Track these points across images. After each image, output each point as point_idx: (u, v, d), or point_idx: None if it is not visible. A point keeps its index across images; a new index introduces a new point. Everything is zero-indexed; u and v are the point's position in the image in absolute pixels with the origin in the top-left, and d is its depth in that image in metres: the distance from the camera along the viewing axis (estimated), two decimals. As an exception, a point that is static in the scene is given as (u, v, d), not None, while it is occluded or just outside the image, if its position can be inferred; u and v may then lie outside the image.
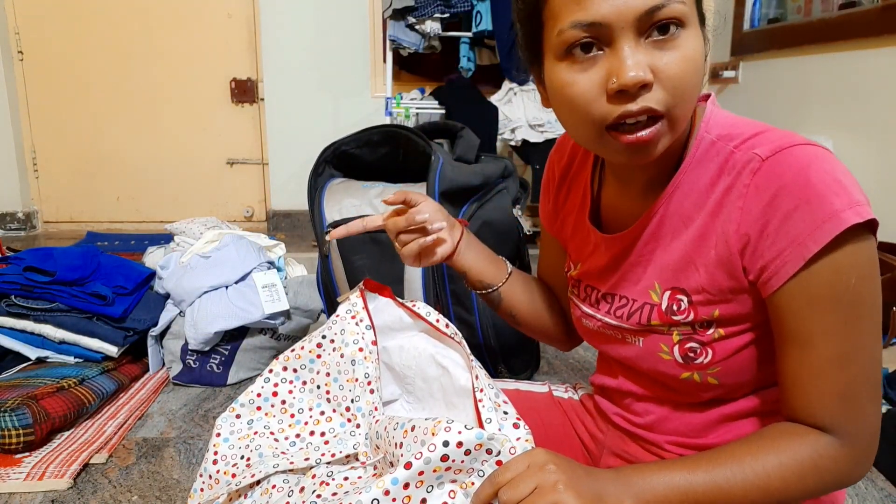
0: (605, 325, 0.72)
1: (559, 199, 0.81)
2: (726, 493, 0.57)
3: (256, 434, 0.75)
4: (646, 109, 0.54)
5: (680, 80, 0.54)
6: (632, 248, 0.68)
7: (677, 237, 0.64)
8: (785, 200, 0.55)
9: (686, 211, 0.63)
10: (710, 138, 0.62)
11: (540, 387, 0.91)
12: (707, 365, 0.64)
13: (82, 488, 1.10)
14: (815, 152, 0.56)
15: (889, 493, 1.10)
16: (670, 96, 0.54)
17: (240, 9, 3.28)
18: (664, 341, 0.66)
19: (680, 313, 0.64)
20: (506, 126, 2.78)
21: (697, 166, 0.62)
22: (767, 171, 0.56)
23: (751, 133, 0.60)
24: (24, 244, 2.98)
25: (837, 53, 2.22)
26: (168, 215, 3.39)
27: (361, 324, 0.78)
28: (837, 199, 0.53)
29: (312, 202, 1.36)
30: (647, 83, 0.53)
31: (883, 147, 2.02)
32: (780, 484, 0.57)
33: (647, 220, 0.65)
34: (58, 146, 3.37)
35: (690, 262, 0.63)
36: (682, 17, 0.54)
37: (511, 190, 1.41)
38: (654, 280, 0.66)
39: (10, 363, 1.46)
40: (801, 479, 0.57)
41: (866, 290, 0.55)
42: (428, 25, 2.68)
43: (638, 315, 0.68)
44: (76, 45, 3.25)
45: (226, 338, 1.52)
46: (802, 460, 0.57)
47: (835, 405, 0.57)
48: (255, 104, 3.40)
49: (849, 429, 0.57)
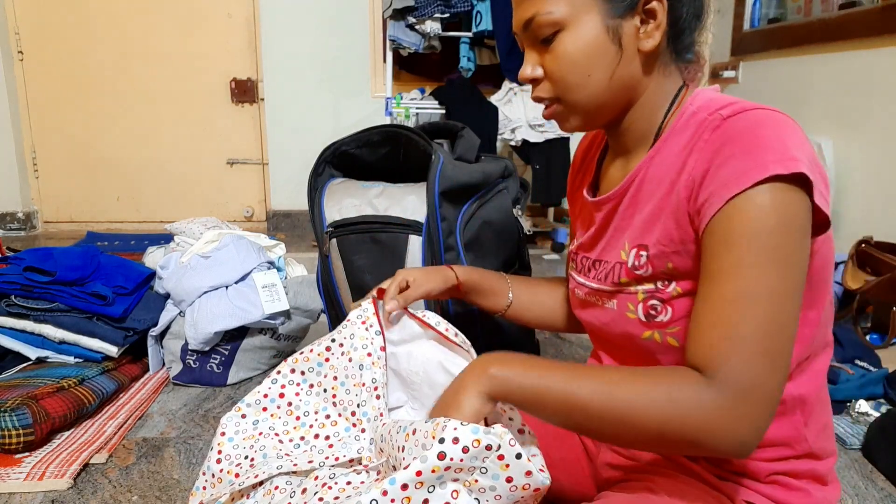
0: (590, 290, 0.76)
1: (575, 182, 0.87)
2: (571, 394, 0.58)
3: (261, 435, 0.75)
4: (536, 98, 0.71)
5: (559, 74, 0.67)
6: (615, 213, 0.72)
7: (651, 199, 0.67)
8: (727, 149, 0.58)
9: (661, 174, 0.66)
10: (692, 109, 0.66)
11: None
12: (667, 323, 0.66)
13: (82, 488, 1.10)
14: (774, 117, 0.58)
15: (889, 493, 1.10)
16: (556, 87, 0.68)
17: (240, 9, 3.28)
18: (631, 300, 0.69)
19: (641, 268, 0.67)
20: (506, 126, 2.79)
21: (676, 135, 0.66)
22: (724, 128, 0.60)
23: (727, 102, 0.63)
24: (24, 244, 2.98)
25: (837, 53, 2.22)
26: (168, 215, 3.39)
27: (371, 329, 0.79)
28: (772, 153, 0.55)
29: (312, 202, 1.36)
30: (535, 79, 0.69)
31: (883, 147, 2.02)
32: (626, 400, 0.56)
33: (627, 185, 0.70)
34: (58, 146, 3.37)
35: (656, 219, 0.66)
36: (555, 23, 0.65)
37: (511, 190, 1.41)
38: (626, 240, 0.69)
39: (10, 363, 1.46)
40: (651, 407, 0.55)
41: (786, 240, 0.55)
42: (428, 25, 2.68)
43: (612, 275, 0.71)
44: (76, 45, 3.25)
45: (226, 338, 1.52)
46: (659, 389, 0.56)
47: (716, 341, 0.55)
48: (255, 104, 3.40)
49: (726, 371, 0.54)
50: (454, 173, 1.25)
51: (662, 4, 0.64)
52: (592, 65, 0.65)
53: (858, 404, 1.34)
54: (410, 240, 1.26)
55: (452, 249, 1.25)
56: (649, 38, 0.65)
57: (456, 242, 1.25)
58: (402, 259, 1.27)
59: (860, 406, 1.34)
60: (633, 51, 0.66)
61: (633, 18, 0.65)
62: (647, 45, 0.65)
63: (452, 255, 1.25)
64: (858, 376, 1.40)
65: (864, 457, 1.21)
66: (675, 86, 0.69)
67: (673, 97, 0.69)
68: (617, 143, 0.74)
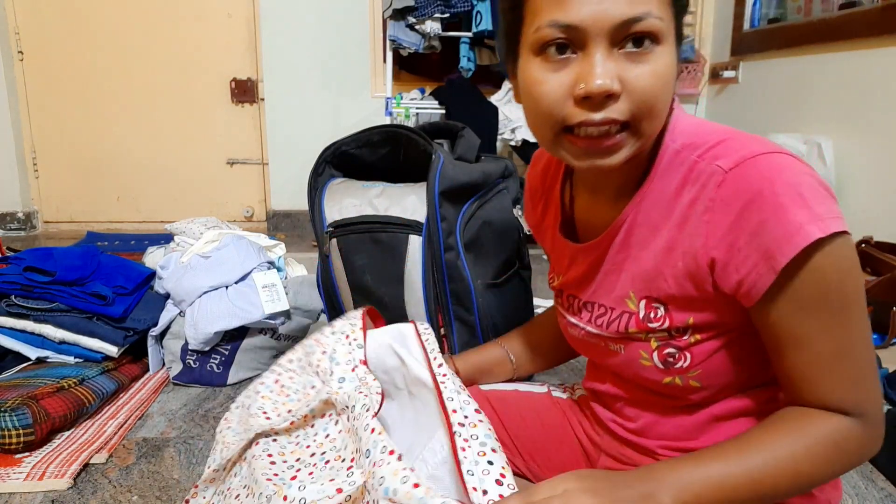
0: (587, 333, 0.73)
1: (537, 212, 0.83)
2: (759, 483, 0.57)
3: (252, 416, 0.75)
4: (608, 121, 0.55)
5: (647, 93, 0.55)
6: (604, 257, 0.68)
7: (646, 246, 0.64)
8: (751, 216, 0.55)
9: (653, 220, 0.63)
10: (675, 147, 0.62)
11: (539, 387, 0.92)
12: (687, 369, 0.65)
13: (82, 488, 1.10)
14: (777, 162, 0.56)
15: (889, 493, 1.10)
16: (636, 109, 0.55)
17: (240, 9, 3.28)
18: (643, 348, 0.67)
19: (656, 321, 0.64)
20: (506, 126, 2.78)
21: (664, 175, 0.62)
22: (731, 185, 0.56)
23: (714, 141, 0.59)
24: (24, 244, 2.98)
25: (837, 53, 2.22)
26: (168, 215, 3.39)
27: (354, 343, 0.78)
28: (800, 211, 0.54)
29: (312, 202, 1.36)
30: (614, 93, 0.54)
31: (883, 147, 2.02)
32: (810, 468, 0.57)
33: (616, 229, 0.66)
34: (58, 146, 3.37)
35: (660, 273, 0.63)
36: (658, 32, 0.54)
37: (511, 190, 1.41)
38: (628, 289, 0.66)
39: (10, 363, 1.46)
40: (827, 462, 0.58)
41: (850, 285, 0.56)
42: (428, 25, 2.68)
43: (616, 323, 0.68)
44: (76, 45, 3.25)
45: (226, 338, 1.52)
46: (827, 444, 0.58)
47: (847, 392, 0.58)
48: (255, 104, 3.40)
49: (864, 409, 0.58)
50: (454, 173, 1.25)
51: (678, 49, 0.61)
52: (671, 93, 0.57)
53: (858, 404, 1.34)
54: (410, 240, 1.26)
55: (452, 249, 1.25)
56: (678, 82, 0.63)
57: (456, 242, 1.25)
58: (403, 259, 1.27)
59: (860, 406, 1.34)
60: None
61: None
62: (677, 88, 0.61)
63: (452, 255, 1.25)
64: (858, 376, 1.40)
65: (865, 457, 1.21)
66: None
67: None
68: (599, 181, 0.68)
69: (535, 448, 0.86)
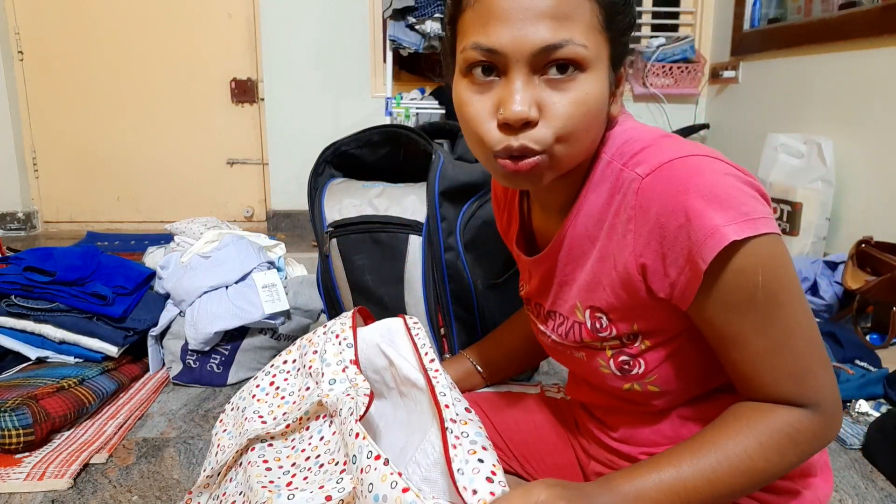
0: (553, 342, 0.74)
1: (503, 221, 0.83)
2: (714, 483, 0.57)
3: (247, 419, 0.75)
4: (523, 148, 0.55)
5: (565, 121, 0.55)
6: (555, 269, 0.69)
7: (586, 258, 0.65)
8: (669, 222, 0.55)
9: (590, 232, 0.63)
10: (607, 158, 0.62)
11: (532, 388, 0.92)
12: (643, 375, 0.65)
13: (82, 488, 1.10)
14: (693, 165, 0.55)
15: (889, 493, 1.10)
16: (553, 136, 0.55)
17: (240, 9, 3.28)
18: (600, 356, 0.67)
19: (603, 330, 0.65)
20: (506, 126, 2.78)
21: (596, 187, 0.62)
22: (647, 191, 0.56)
23: (638, 148, 0.59)
24: (24, 244, 2.98)
25: (837, 53, 2.22)
26: (168, 215, 3.39)
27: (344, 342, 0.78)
28: (715, 214, 0.53)
29: (312, 202, 1.36)
30: (530, 120, 0.54)
31: (883, 147, 2.02)
32: (764, 464, 0.57)
33: (559, 242, 0.66)
34: (58, 146, 3.37)
35: (598, 283, 0.63)
36: (581, 60, 0.54)
37: (511, 190, 1.41)
38: (575, 299, 0.67)
39: (10, 363, 1.46)
40: (781, 455, 0.58)
41: (778, 282, 0.56)
42: (428, 25, 2.68)
43: (572, 333, 0.69)
44: (76, 45, 3.25)
45: (226, 338, 1.52)
46: (780, 436, 0.58)
47: (791, 385, 0.58)
48: (255, 104, 3.40)
49: (812, 399, 0.58)
50: (454, 173, 1.25)
51: (626, 70, 0.61)
52: (596, 118, 0.57)
53: (858, 404, 1.34)
54: (410, 240, 1.26)
55: (452, 249, 1.25)
56: (615, 104, 0.61)
57: (456, 242, 1.25)
58: (403, 259, 1.27)
59: (860, 406, 1.34)
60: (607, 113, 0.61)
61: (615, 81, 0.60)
62: (615, 110, 0.61)
63: (452, 255, 1.25)
64: (858, 376, 1.40)
65: (864, 457, 1.21)
66: None
67: None
68: (543, 196, 0.69)
69: (528, 450, 0.86)
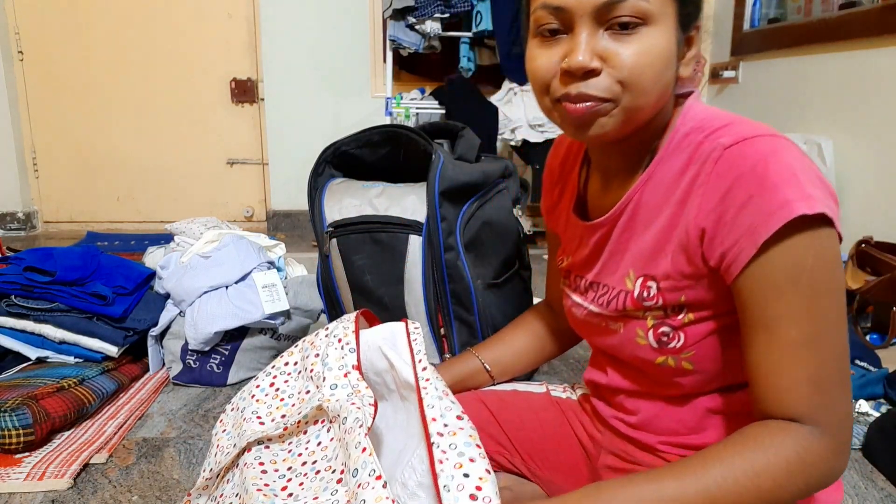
0: (590, 313, 0.74)
1: (554, 196, 0.84)
2: (716, 500, 0.55)
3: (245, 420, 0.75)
4: (585, 96, 0.59)
5: (629, 70, 0.57)
6: (609, 237, 0.70)
7: (649, 226, 0.65)
8: (740, 190, 0.56)
9: (657, 201, 0.64)
10: (685, 130, 0.64)
11: (537, 387, 0.92)
12: (680, 349, 0.65)
13: (82, 488, 1.10)
14: (776, 144, 0.57)
15: (889, 493, 1.10)
16: (618, 86, 0.58)
17: (240, 9, 3.28)
18: (640, 326, 0.67)
19: (650, 299, 0.66)
20: (506, 126, 2.78)
21: (670, 157, 0.64)
22: (727, 161, 0.58)
23: (721, 124, 0.61)
24: (24, 244, 2.98)
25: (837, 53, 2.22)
26: (168, 215, 3.39)
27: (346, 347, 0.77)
28: (790, 189, 0.54)
29: (312, 202, 1.36)
30: (593, 69, 0.58)
31: (883, 147, 2.02)
32: (771, 484, 0.55)
33: (621, 209, 0.68)
34: (58, 146, 3.37)
35: (660, 250, 0.64)
36: (644, 14, 0.57)
37: (511, 190, 1.41)
38: (629, 268, 0.68)
39: (10, 363, 1.46)
40: (789, 477, 0.56)
41: (826, 275, 0.56)
42: (428, 25, 2.68)
43: (615, 302, 0.69)
44: (76, 45, 3.25)
45: (226, 338, 1.52)
46: (788, 456, 0.56)
47: (807, 391, 0.56)
48: (255, 104, 3.40)
49: (825, 416, 0.56)
50: (454, 173, 1.25)
51: (698, 34, 0.62)
52: (663, 72, 0.59)
53: (858, 404, 1.34)
54: (410, 240, 1.26)
55: (452, 249, 1.25)
56: (687, 66, 0.63)
57: (456, 242, 1.25)
58: (403, 259, 1.27)
59: (860, 406, 1.34)
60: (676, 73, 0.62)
61: (684, 41, 0.62)
62: (685, 72, 0.63)
63: (452, 255, 1.25)
64: (858, 376, 1.40)
65: (864, 457, 1.21)
66: (671, 103, 0.67)
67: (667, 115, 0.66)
68: (609, 161, 0.71)
69: (534, 449, 0.86)
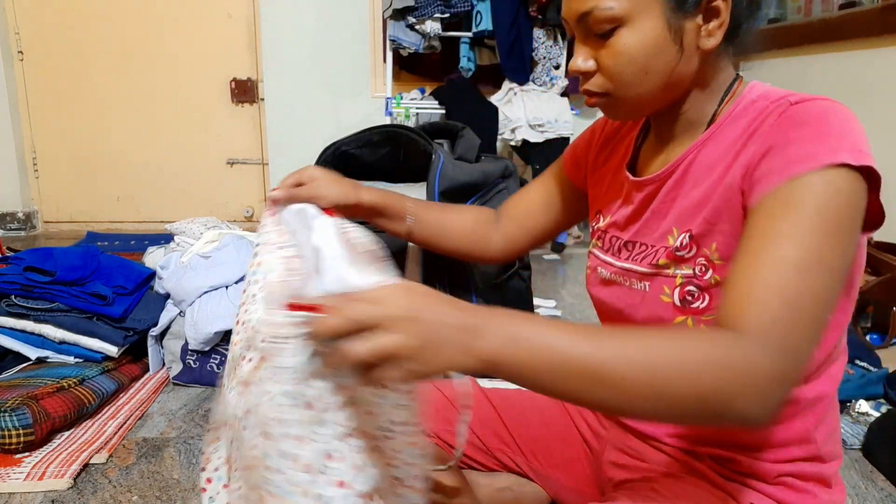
0: (618, 270, 0.74)
1: (599, 158, 0.84)
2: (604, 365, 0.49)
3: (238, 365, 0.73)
4: (586, 91, 0.69)
5: (616, 70, 0.64)
6: (655, 196, 0.71)
7: (699, 185, 0.66)
8: (796, 132, 0.58)
9: (713, 160, 0.66)
10: (751, 97, 0.66)
11: None
12: (702, 311, 0.65)
13: (82, 488, 1.10)
14: (843, 108, 0.59)
15: (889, 493, 1.10)
16: (609, 83, 0.66)
17: (240, 9, 3.28)
18: (668, 283, 0.68)
19: (683, 248, 0.66)
20: (506, 126, 2.78)
21: (734, 121, 0.66)
22: (793, 112, 0.60)
23: (788, 92, 0.63)
24: (24, 244, 2.97)
25: (837, 53, 2.22)
26: (168, 215, 3.38)
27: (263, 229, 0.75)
28: (845, 141, 0.56)
29: (312, 202, 1.36)
30: (587, 71, 0.66)
31: (883, 147, 2.02)
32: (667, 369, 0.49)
33: (673, 169, 0.69)
34: (58, 146, 3.37)
35: (706, 201, 0.65)
36: (614, 18, 0.62)
37: (511, 190, 1.41)
38: (672, 225, 0.68)
39: (10, 363, 1.46)
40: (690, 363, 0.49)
41: (851, 219, 0.56)
42: (428, 25, 2.68)
43: (651, 258, 0.70)
44: (76, 45, 3.25)
45: (226, 338, 1.52)
46: (703, 349, 0.50)
47: (776, 306, 0.52)
48: (255, 104, 3.40)
49: (775, 334, 0.51)
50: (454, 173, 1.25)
51: (727, 2, 0.62)
52: (651, 63, 0.63)
53: (858, 404, 1.34)
54: (410, 240, 1.26)
55: (452, 249, 1.25)
56: (711, 37, 0.63)
57: (456, 242, 1.25)
58: (403, 258, 1.27)
59: (860, 406, 1.34)
60: (692, 49, 0.64)
61: (696, 17, 0.62)
62: (709, 43, 0.63)
63: (452, 255, 1.25)
64: (858, 376, 1.40)
65: (864, 457, 1.21)
66: (729, 76, 0.69)
67: (727, 87, 0.68)
68: (663, 128, 0.73)
69: (537, 446, 0.86)
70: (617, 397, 0.49)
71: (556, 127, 2.79)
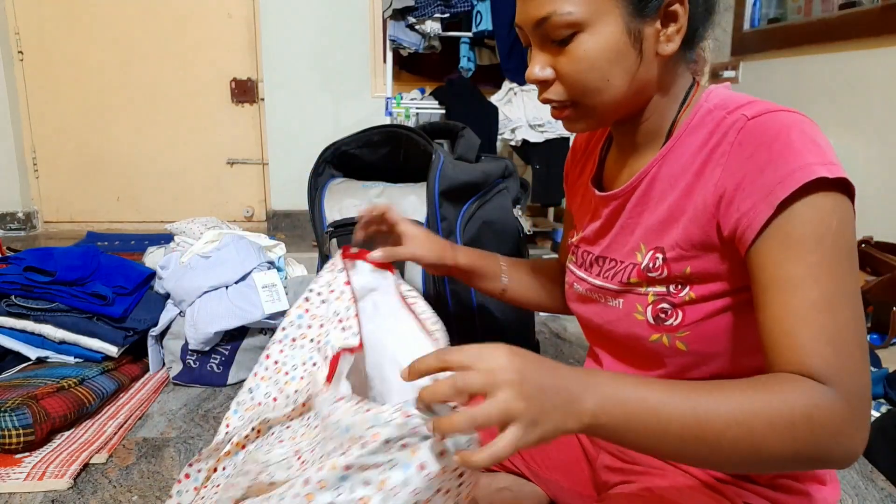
0: (592, 287, 0.75)
1: (574, 172, 0.86)
2: (702, 424, 0.50)
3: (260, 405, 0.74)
4: (546, 100, 0.66)
5: (577, 77, 0.63)
6: (622, 210, 0.71)
7: (664, 200, 0.66)
8: (761, 156, 0.57)
9: (675, 173, 0.65)
10: (707, 107, 0.65)
11: None
12: (676, 328, 0.65)
13: (82, 488, 1.10)
14: (799, 118, 0.59)
15: (889, 493, 1.10)
16: (569, 90, 0.64)
17: (240, 9, 3.28)
18: (640, 301, 0.68)
19: (655, 270, 0.66)
20: (506, 126, 2.78)
21: (690, 133, 0.65)
22: (751, 129, 0.59)
23: (745, 101, 0.63)
24: (24, 244, 2.98)
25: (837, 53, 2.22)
26: (168, 215, 3.39)
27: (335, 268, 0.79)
28: (811, 155, 0.56)
29: (312, 202, 1.36)
30: (545, 79, 0.65)
31: (883, 147, 2.02)
32: (766, 427, 0.50)
33: (637, 183, 0.69)
34: (58, 146, 3.37)
35: (674, 221, 0.65)
36: (573, 24, 0.61)
37: (511, 190, 1.41)
38: (640, 242, 0.68)
39: (10, 363, 1.46)
40: (790, 427, 0.50)
41: (848, 240, 0.56)
42: (428, 25, 2.68)
43: (621, 275, 0.70)
44: (76, 45, 3.25)
45: (226, 338, 1.52)
46: (794, 406, 0.51)
47: (826, 351, 0.53)
48: (255, 104, 3.40)
49: (842, 378, 0.52)
50: (454, 173, 1.25)
51: (684, 7, 0.62)
52: (612, 69, 0.62)
53: (858, 404, 1.34)
54: (410, 240, 1.26)
55: (452, 249, 1.25)
56: (670, 42, 0.63)
57: (456, 242, 1.25)
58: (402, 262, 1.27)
59: (860, 406, 1.34)
60: (652, 54, 0.63)
61: (655, 22, 0.62)
62: (668, 49, 0.63)
63: (452, 255, 1.25)
64: (858, 376, 1.40)
65: (864, 457, 1.21)
66: (686, 83, 0.68)
67: (684, 94, 0.68)
68: (624, 139, 0.72)
69: (535, 449, 0.86)
70: (714, 454, 0.51)
71: (557, 127, 2.79)
